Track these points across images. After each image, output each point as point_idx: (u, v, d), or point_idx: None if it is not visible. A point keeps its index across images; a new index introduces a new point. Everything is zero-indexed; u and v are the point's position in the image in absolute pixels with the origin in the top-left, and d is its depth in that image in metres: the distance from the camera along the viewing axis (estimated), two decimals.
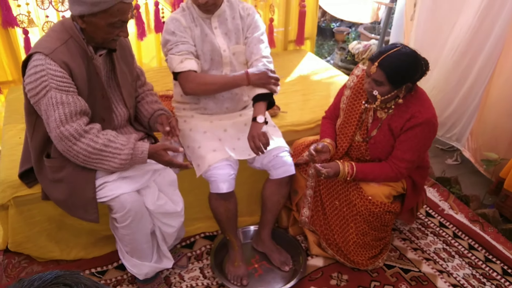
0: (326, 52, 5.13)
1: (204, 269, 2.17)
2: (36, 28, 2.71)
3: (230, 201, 2.02)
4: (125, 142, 1.67)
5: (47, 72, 1.54)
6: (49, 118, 1.58)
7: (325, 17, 5.53)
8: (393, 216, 2.06)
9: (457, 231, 2.45)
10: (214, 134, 2.07)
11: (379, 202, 1.98)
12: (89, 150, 1.61)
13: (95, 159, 1.63)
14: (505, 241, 2.36)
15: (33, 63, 1.55)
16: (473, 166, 2.98)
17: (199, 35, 1.97)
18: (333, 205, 2.12)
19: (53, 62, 1.55)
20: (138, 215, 1.77)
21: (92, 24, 1.59)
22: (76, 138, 1.59)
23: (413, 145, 1.90)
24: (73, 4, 1.57)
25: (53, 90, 1.55)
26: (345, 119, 2.09)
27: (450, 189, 2.74)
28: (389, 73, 1.79)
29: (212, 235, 2.36)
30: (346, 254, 2.13)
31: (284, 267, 2.16)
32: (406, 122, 1.89)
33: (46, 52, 1.55)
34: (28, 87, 1.58)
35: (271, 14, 3.28)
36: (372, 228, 2.06)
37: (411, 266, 2.21)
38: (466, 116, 2.91)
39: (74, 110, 1.59)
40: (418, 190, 2.12)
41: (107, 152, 1.63)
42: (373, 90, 1.85)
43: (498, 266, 2.23)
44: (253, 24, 2.06)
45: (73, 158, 1.64)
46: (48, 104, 1.56)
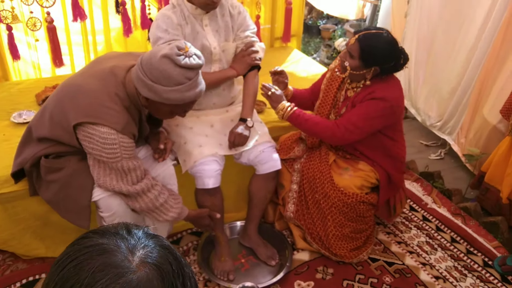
0: (312, 49, 5.16)
1: (191, 265, 2.18)
2: (20, 24, 2.68)
3: (216, 197, 2.03)
4: (176, 204, 1.83)
5: (120, 145, 1.58)
6: (115, 179, 1.66)
7: (311, 15, 5.56)
8: (369, 207, 2.10)
9: (439, 225, 2.50)
10: (201, 129, 2.08)
11: (351, 193, 2.04)
12: (153, 203, 1.74)
13: (157, 211, 1.77)
14: (486, 234, 2.42)
15: (103, 134, 1.55)
16: (456, 161, 3.04)
17: (190, 33, 1.97)
18: (314, 198, 2.16)
19: (125, 136, 1.59)
20: (123, 218, 1.78)
21: (156, 107, 1.63)
22: (145, 192, 1.71)
23: (361, 112, 1.94)
24: (142, 86, 1.56)
25: (124, 160, 1.61)
26: (323, 98, 2.16)
27: (433, 183, 2.80)
28: (363, 50, 1.88)
29: (199, 231, 2.37)
30: (328, 247, 2.17)
31: (270, 262, 2.18)
32: (365, 96, 1.95)
33: (118, 129, 1.56)
34: (90, 145, 1.57)
35: (257, 11, 3.29)
36: (348, 219, 2.09)
37: (395, 259, 2.25)
38: (459, 111, 2.96)
39: (143, 169, 1.69)
40: (393, 184, 2.15)
41: (165, 206, 1.78)
42: (345, 61, 1.94)
43: (479, 258, 2.28)
44: (244, 24, 2.08)
45: (133, 206, 1.76)
46: (118, 170, 1.63)
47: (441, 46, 3.10)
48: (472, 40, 2.78)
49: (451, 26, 2.96)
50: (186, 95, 1.56)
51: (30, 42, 2.78)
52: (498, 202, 2.47)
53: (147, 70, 1.53)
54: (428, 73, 3.28)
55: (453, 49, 2.96)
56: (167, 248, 0.66)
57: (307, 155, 2.23)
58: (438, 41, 3.12)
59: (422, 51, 3.30)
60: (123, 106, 1.60)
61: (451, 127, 3.07)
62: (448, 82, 3.04)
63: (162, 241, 0.67)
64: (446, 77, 3.05)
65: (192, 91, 1.58)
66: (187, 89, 1.56)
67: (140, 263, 0.60)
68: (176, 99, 1.56)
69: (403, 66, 1.95)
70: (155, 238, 0.66)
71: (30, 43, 2.78)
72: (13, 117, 2.31)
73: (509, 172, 2.36)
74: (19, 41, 2.72)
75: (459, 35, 2.89)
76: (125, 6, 2.87)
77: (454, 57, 2.96)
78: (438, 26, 3.08)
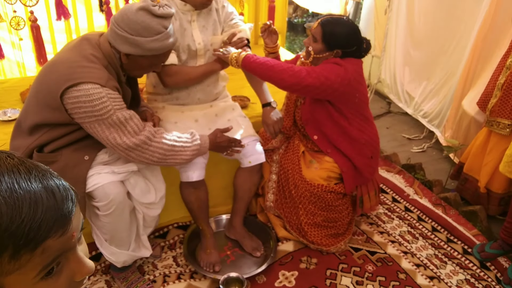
0: (298, 47, 5.22)
1: (177, 258, 2.21)
2: (4, 23, 2.69)
3: (200, 190, 2.07)
4: (190, 136, 1.84)
5: (108, 98, 1.58)
6: (120, 135, 1.64)
7: (296, 13, 5.62)
8: (338, 196, 2.15)
9: (421, 215, 2.56)
10: (185, 124, 2.11)
11: (316, 184, 2.10)
12: (165, 148, 1.74)
13: (170, 155, 1.76)
14: (466, 222, 2.49)
15: (88, 91, 1.55)
16: (437, 154, 3.12)
17: (178, 29, 1.99)
18: (288, 188, 2.22)
19: (110, 89, 1.61)
20: (121, 204, 1.80)
21: (137, 62, 1.67)
22: (151, 140, 1.70)
23: (320, 67, 1.96)
24: (123, 43, 1.61)
25: (118, 111, 1.62)
26: None
27: (414, 175, 2.86)
28: (325, 32, 1.96)
29: (185, 225, 2.41)
30: (304, 235, 2.22)
31: (255, 253, 2.22)
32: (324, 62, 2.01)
33: (102, 83, 1.58)
34: (80, 109, 1.57)
35: (241, 9, 3.33)
36: (318, 208, 2.16)
37: (377, 248, 2.31)
38: (446, 105, 3.03)
39: (139, 120, 1.69)
40: (358, 171, 2.16)
41: (178, 147, 1.77)
42: (309, 46, 2.01)
43: (459, 246, 2.35)
44: (230, 16, 2.13)
45: (148, 160, 1.74)
46: (116, 124, 1.63)
47: (429, 40, 3.17)
48: (461, 32, 2.85)
49: (438, 20, 3.03)
50: (166, 43, 1.65)
51: (14, 41, 2.79)
52: (477, 192, 2.54)
53: (125, 25, 1.60)
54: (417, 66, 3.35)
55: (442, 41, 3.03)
56: None
57: (285, 146, 2.29)
58: (426, 36, 3.19)
59: (409, 46, 3.37)
60: (101, 64, 1.64)
61: (439, 119, 3.14)
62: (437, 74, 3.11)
63: None
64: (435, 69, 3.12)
65: (170, 40, 1.67)
66: (166, 38, 1.64)
67: None
68: (157, 49, 1.64)
69: (366, 52, 2.03)
70: None
71: (14, 42, 2.79)
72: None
73: (486, 162, 2.43)
74: (3, 40, 2.73)
75: (446, 29, 2.96)
76: (109, 5, 2.89)
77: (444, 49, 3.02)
78: (425, 21, 3.16)
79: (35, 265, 0.54)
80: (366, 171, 2.18)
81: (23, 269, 0.54)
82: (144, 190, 1.92)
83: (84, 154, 1.76)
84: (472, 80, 2.76)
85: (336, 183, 2.14)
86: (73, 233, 0.57)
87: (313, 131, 2.16)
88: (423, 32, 3.24)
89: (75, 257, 0.60)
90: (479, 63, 2.71)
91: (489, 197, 2.50)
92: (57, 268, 0.57)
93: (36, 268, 0.55)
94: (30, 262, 0.54)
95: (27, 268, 0.54)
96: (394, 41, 3.46)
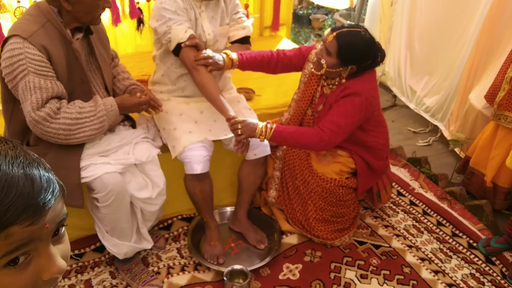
0: (303, 39, 5.18)
1: (181, 250, 2.21)
2: (8, 13, 2.67)
3: (205, 182, 2.06)
4: (93, 103, 1.72)
5: (25, 56, 1.53)
6: (25, 102, 1.57)
7: (302, 4, 5.57)
8: (349, 191, 2.14)
9: (426, 209, 2.55)
10: (190, 116, 2.10)
11: (329, 178, 2.08)
12: (67, 123, 1.64)
13: (76, 129, 1.66)
14: (471, 217, 2.47)
15: (10, 46, 1.53)
16: (443, 147, 3.09)
17: (193, 18, 1.99)
18: (294, 185, 2.20)
19: (31, 46, 1.54)
20: (120, 195, 1.79)
21: (79, 2, 1.58)
22: (52, 117, 1.61)
23: (339, 110, 1.92)
24: None
25: (31, 74, 1.55)
26: (302, 93, 2.16)
27: (420, 169, 2.84)
28: (341, 48, 1.85)
29: (189, 217, 2.41)
30: (309, 230, 2.21)
31: (259, 246, 2.22)
32: (340, 93, 1.96)
33: (24, 36, 1.53)
34: (5, 71, 1.56)
35: (246, 0, 3.30)
36: (328, 203, 2.14)
37: (382, 242, 2.30)
38: (449, 97, 3.01)
39: (50, 95, 1.59)
40: (375, 170, 2.17)
41: (83, 118, 1.67)
42: (321, 58, 1.92)
43: (464, 241, 2.33)
44: (235, 8, 2.13)
45: (54, 138, 1.65)
46: (25, 88, 1.56)
47: (432, 33, 3.13)
48: (463, 26, 2.82)
49: (442, 13, 3.00)
50: None
51: None
52: (483, 186, 2.52)
53: None
54: (419, 60, 3.32)
55: (444, 36, 3.00)
56: None
57: None
58: (429, 28, 3.15)
59: (412, 39, 3.33)
60: (36, 21, 1.59)
61: (442, 112, 3.11)
62: (439, 68, 3.08)
63: None
64: (437, 64, 3.09)
65: None
66: None
67: None
68: None
69: (380, 63, 1.96)
70: None
71: None
72: None
73: (493, 156, 2.41)
74: (7, 30, 2.71)
75: (450, 22, 2.92)
76: None
77: (446, 43, 2.99)
78: (429, 13, 3.12)
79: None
80: (381, 171, 2.20)
81: None
82: (141, 185, 1.91)
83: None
84: (476, 74, 2.73)
85: (347, 177, 2.12)
86: (46, 224, 0.55)
87: None
88: (424, 25, 3.20)
89: (46, 253, 0.57)
90: (483, 56, 2.67)
91: (495, 191, 2.48)
92: (25, 259, 0.55)
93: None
94: None
95: None
96: (400, 34, 3.42)
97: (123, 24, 3.01)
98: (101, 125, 1.72)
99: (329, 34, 1.90)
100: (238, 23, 2.14)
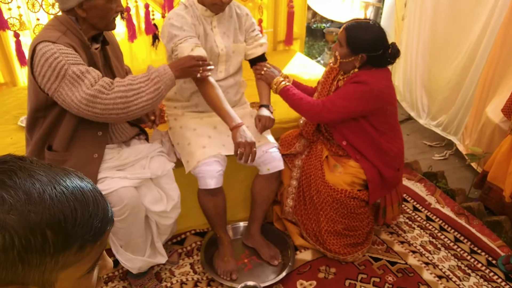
0: (316, 52, 5.19)
1: (195, 265, 2.20)
2: (28, 30, 2.74)
3: (218, 197, 2.06)
4: (145, 73, 1.71)
5: (60, 53, 1.56)
6: (78, 88, 1.58)
7: (315, 18, 5.59)
8: (361, 204, 2.11)
9: (443, 224, 2.50)
10: (204, 131, 2.11)
11: (339, 189, 2.06)
12: (122, 90, 1.63)
13: (132, 95, 1.64)
14: (490, 233, 2.41)
15: (41, 51, 1.56)
16: (460, 161, 3.04)
17: (202, 33, 2.01)
18: (309, 194, 2.19)
19: (61, 45, 1.59)
20: (135, 209, 1.80)
21: (93, 7, 1.64)
22: (107, 89, 1.62)
23: (341, 92, 2.02)
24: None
25: (73, 66, 1.58)
26: (320, 90, 2.23)
27: (436, 183, 2.80)
28: (350, 36, 1.95)
29: (203, 231, 2.40)
30: (322, 243, 2.19)
31: (273, 261, 2.20)
32: (349, 80, 2.02)
33: (52, 40, 1.58)
34: (44, 76, 1.57)
35: (259, 15, 3.33)
36: (340, 215, 2.11)
37: (398, 259, 2.26)
38: (462, 111, 2.97)
39: (98, 76, 1.63)
40: (386, 180, 2.13)
41: (137, 84, 1.66)
42: (336, 51, 2.02)
43: (483, 258, 2.28)
44: (252, 27, 2.16)
45: (114, 110, 1.63)
46: (72, 79, 1.58)
47: (443, 46, 3.11)
48: (475, 40, 2.79)
49: (452, 26, 2.98)
50: None
51: None
52: (502, 201, 2.47)
53: None
54: (429, 74, 3.29)
55: (455, 49, 2.97)
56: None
57: (307, 151, 2.26)
58: (439, 42, 3.13)
59: (423, 52, 3.31)
60: (56, 29, 1.64)
61: (455, 127, 3.07)
62: (450, 82, 3.05)
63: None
64: (448, 77, 3.06)
65: None
66: None
67: None
68: None
69: (393, 58, 1.98)
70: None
71: None
72: (21, 121, 2.37)
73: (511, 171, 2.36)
74: (27, 46, 2.78)
75: (461, 35, 2.90)
76: (129, 12, 2.92)
77: (456, 56, 2.97)
78: (439, 27, 3.10)
79: (91, 258, 0.60)
80: (392, 182, 2.17)
81: (82, 261, 0.59)
82: (156, 199, 1.92)
83: (93, 152, 1.78)
84: (491, 87, 2.69)
85: (359, 189, 2.10)
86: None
87: (341, 137, 2.13)
88: (435, 38, 3.18)
89: (103, 256, 0.66)
90: (498, 69, 2.64)
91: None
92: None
93: (91, 261, 0.61)
94: (89, 255, 0.60)
95: (85, 260, 0.59)
96: (410, 48, 3.40)
97: (139, 40, 3.06)
98: (156, 87, 1.68)
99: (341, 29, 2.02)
100: (256, 40, 2.17)
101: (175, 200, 1.97)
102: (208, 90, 1.93)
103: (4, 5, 2.58)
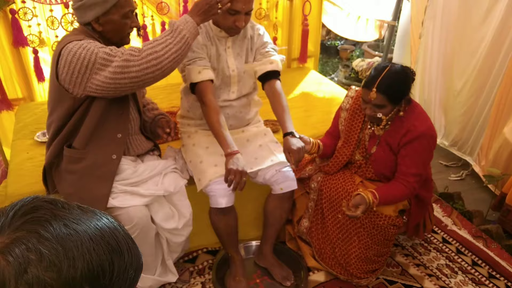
0: (330, 69, 5.19)
1: (206, 284, 2.18)
2: (46, 47, 2.80)
3: (230, 216, 2.04)
4: (168, 28, 1.70)
5: (88, 42, 1.61)
6: (107, 68, 1.60)
7: (329, 35, 5.61)
8: (396, 231, 2.06)
9: (460, 247, 2.44)
10: (217, 149, 2.10)
11: (383, 215, 1.99)
12: (150, 47, 1.63)
13: (161, 49, 1.64)
14: (509, 257, 2.34)
15: (68, 49, 1.60)
16: (477, 182, 2.98)
17: (214, 54, 2.01)
18: (335, 218, 2.13)
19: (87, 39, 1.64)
20: (145, 228, 1.80)
21: (109, 22, 1.69)
22: (137, 52, 1.63)
23: (415, 159, 1.92)
24: (84, 12, 1.67)
25: (102, 48, 1.61)
26: (345, 139, 2.12)
27: (453, 204, 2.74)
28: (389, 95, 1.83)
29: (215, 250, 2.38)
30: (345, 266, 2.14)
31: (285, 282, 2.16)
32: (402, 137, 1.92)
33: (78, 39, 1.63)
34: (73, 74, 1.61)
35: (274, 33, 3.35)
36: (375, 242, 2.06)
37: (413, 282, 2.20)
38: (476, 131, 2.93)
39: (125, 48, 1.67)
40: (423, 204, 2.12)
41: (162, 38, 1.66)
42: (376, 114, 1.88)
43: (502, 283, 2.21)
44: (264, 44, 2.11)
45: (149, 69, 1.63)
46: (103, 60, 1.60)
47: (458, 65, 3.08)
48: (490, 60, 2.76)
49: (467, 45, 2.95)
50: None
51: None
52: None
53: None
54: (444, 93, 3.26)
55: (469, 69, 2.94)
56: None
57: (322, 175, 2.21)
58: (454, 61, 3.10)
59: (438, 71, 3.28)
60: (77, 37, 1.67)
61: (470, 147, 3.02)
62: (464, 101, 3.01)
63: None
64: (463, 97, 3.02)
65: None
66: None
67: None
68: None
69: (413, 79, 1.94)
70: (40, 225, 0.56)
71: None
72: (37, 136, 2.39)
73: None
74: (45, 62, 2.83)
75: (475, 55, 2.87)
76: (146, 30, 2.96)
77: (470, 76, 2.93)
78: (454, 46, 3.07)
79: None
80: (427, 203, 2.19)
81: None
82: (168, 215, 1.91)
83: (111, 153, 1.79)
84: (505, 107, 2.64)
85: (396, 216, 2.04)
86: None
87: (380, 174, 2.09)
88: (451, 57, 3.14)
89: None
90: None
91: None
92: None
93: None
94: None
95: None
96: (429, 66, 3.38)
97: None
98: (181, 36, 1.66)
99: (367, 92, 1.86)
100: (265, 57, 2.09)
101: (187, 217, 1.97)
102: (209, 115, 1.91)
103: (25, 22, 2.64)
